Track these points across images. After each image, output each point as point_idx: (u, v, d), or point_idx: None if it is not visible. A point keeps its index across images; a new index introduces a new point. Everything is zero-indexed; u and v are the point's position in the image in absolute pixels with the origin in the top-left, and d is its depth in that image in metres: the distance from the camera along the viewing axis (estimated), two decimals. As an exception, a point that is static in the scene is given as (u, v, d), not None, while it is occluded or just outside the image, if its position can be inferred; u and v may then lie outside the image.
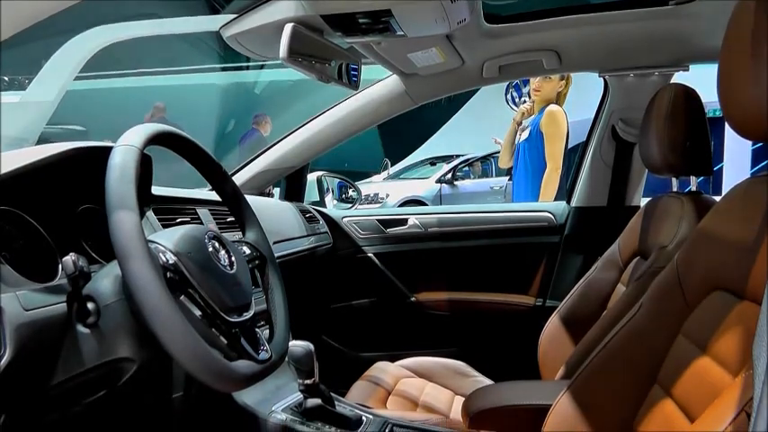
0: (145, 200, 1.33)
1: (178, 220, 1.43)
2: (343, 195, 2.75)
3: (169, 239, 0.97)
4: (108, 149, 0.95)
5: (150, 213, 1.35)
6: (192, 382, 1.49)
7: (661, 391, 0.95)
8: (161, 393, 1.46)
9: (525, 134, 3.44)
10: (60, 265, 0.98)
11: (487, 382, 1.90)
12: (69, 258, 0.87)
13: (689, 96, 1.43)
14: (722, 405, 0.73)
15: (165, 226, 1.33)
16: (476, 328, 2.46)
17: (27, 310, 0.84)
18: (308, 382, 1.45)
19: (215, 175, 1.19)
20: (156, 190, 1.44)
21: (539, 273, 2.42)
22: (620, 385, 1.03)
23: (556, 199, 3.13)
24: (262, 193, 2.32)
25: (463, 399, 1.35)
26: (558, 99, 3.39)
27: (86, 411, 1.02)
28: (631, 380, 1.01)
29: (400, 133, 11.55)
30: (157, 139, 1.02)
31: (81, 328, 0.91)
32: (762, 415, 0.54)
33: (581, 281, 1.74)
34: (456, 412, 1.70)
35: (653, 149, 1.44)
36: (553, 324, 1.72)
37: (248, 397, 1.50)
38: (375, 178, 11.74)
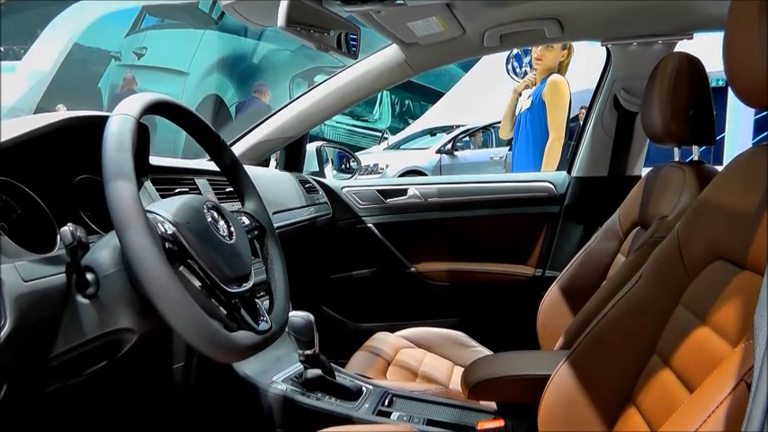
0: (142, 170, 1.32)
1: (176, 191, 1.43)
2: (343, 166, 2.74)
3: (167, 209, 0.97)
4: (105, 119, 0.94)
5: (148, 183, 1.34)
6: (192, 352, 1.50)
7: (660, 362, 0.95)
8: (161, 364, 1.47)
9: (527, 104, 3.42)
10: (58, 236, 0.98)
11: (487, 352, 1.91)
12: (67, 229, 0.86)
13: (692, 65, 1.42)
14: (721, 375, 0.73)
15: (163, 196, 1.32)
16: (475, 298, 2.47)
17: (26, 281, 0.84)
18: (308, 352, 1.46)
19: (213, 144, 1.18)
20: (154, 160, 1.43)
21: (538, 243, 2.42)
22: (618, 355, 1.03)
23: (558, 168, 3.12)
24: (260, 163, 2.31)
25: (462, 369, 1.36)
26: (560, 68, 3.37)
27: (87, 382, 1.03)
28: (630, 350, 1.01)
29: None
30: (154, 109, 1.01)
31: (80, 299, 0.91)
32: (762, 384, 0.54)
33: (581, 251, 1.74)
34: (455, 383, 1.71)
35: (655, 119, 1.43)
36: (552, 294, 1.72)
37: (249, 368, 1.51)
38: (375, 149, 11.71)
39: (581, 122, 2.43)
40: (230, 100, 11.40)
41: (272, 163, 2.44)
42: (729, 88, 0.85)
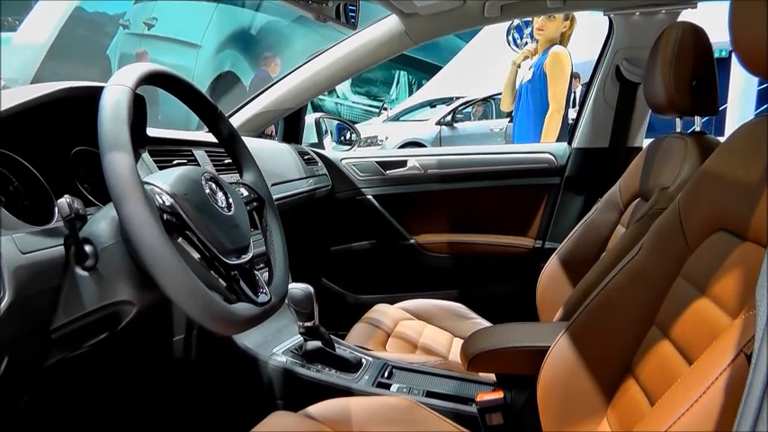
0: (140, 141, 1.31)
1: (174, 162, 1.42)
2: (342, 137, 2.72)
3: (165, 181, 0.96)
4: (101, 90, 0.92)
5: (146, 155, 1.33)
6: (192, 325, 1.51)
7: (659, 333, 0.95)
8: (161, 336, 1.48)
9: (528, 75, 3.40)
10: (56, 208, 0.97)
11: (486, 324, 1.92)
12: (64, 200, 0.86)
13: (696, 35, 1.40)
14: (721, 347, 0.73)
15: (161, 168, 1.31)
16: (475, 270, 2.47)
17: (24, 253, 0.84)
18: (308, 324, 1.47)
19: (210, 115, 1.16)
20: (152, 131, 1.42)
21: (538, 214, 2.42)
22: (618, 327, 1.03)
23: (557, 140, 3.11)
24: (261, 135, 2.30)
25: (462, 341, 1.36)
26: (563, 39, 3.34)
27: (88, 354, 1.03)
28: (630, 322, 1.01)
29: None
30: (150, 79, 0.99)
31: (80, 271, 0.90)
32: (763, 356, 0.54)
33: (581, 222, 1.74)
34: (455, 354, 1.72)
35: (658, 89, 1.42)
36: (552, 266, 1.72)
37: (249, 340, 1.51)
38: (374, 121, 11.65)
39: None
40: (246, 75, 11.23)
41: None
42: (733, 58, 0.84)
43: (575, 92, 8.37)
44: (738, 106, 9.70)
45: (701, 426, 0.68)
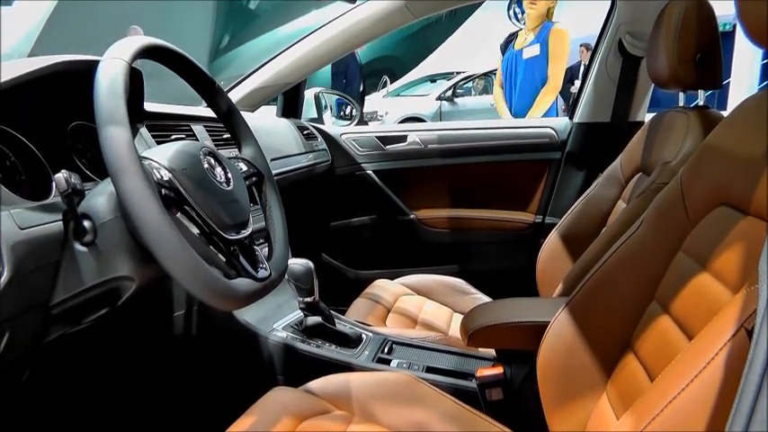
0: (137, 116, 1.30)
1: (173, 137, 1.41)
2: (342, 112, 2.70)
3: (163, 155, 0.95)
4: (97, 63, 0.91)
5: (143, 130, 1.32)
6: (192, 300, 1.51)
7: (659, 308, 0.95)
8: (162, 312, 1.48)
9: (532, 51, 3.38)
10: (53, 184, 0.97)
11: (486, 299, 1.92)
12: (61, 175, 0.85)
13: (701, 7, 1.38)
14: (721, 322, 0.73)
15: (159, 143, 1.30)
16: (475, 245, 2.47)
17: (22, 229, 0.83)
18: (308, 300, 1.47)
19: (208, 90, 1.15)
20: (150, 106, 1.40)
21: (539, 189, 2.41)
22: (618, 302, 1.03)
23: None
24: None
25: (462, 316, 1.36)
26: (548, 14, 3.36)
27: (88, 330, 1.03)
28: (630, 297, 1.01)
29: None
30: (147, 53, 0.98)
31: (78, 247, 0.90)
32: (764, 330, 0.54)
33: (581, 197, 1.73)
34: (455, 330, 1.72)
35: (661, 63, 1.40)
36: (552, 241, 1.72)
37: (249, 315, 1.51)
38: (374, 96, 11.59)
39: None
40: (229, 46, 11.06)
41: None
42: (737, 32, 0.83)
43: (585, 64, 8.37)
44: (742, 80, 9.63)
45: (701, 401, 0.68)
